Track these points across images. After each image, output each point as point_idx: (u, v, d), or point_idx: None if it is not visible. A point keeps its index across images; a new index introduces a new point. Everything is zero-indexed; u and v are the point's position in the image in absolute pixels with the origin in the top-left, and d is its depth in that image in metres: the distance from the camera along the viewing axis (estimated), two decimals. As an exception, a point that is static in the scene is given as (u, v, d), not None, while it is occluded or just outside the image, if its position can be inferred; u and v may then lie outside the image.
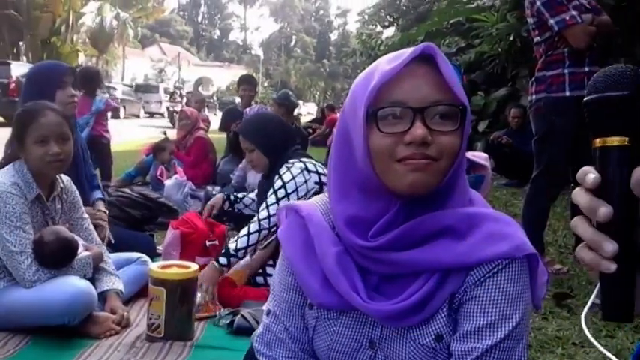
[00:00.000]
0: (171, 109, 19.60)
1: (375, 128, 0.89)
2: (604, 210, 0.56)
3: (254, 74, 20.23)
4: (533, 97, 3.10)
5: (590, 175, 0.57)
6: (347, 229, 0.95)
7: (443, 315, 0.93)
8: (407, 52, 0.90)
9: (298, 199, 2.54)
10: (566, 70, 2.97)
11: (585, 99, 0.60)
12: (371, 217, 0.94)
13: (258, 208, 2.62)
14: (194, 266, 2.24)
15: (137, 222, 3.73)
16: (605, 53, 3.84)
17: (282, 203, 2.50)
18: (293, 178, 2.57)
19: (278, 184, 2.56)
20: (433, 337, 0.93)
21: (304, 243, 1.01)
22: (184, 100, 21.09)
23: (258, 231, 2.50)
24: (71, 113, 2.81)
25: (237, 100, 10.10)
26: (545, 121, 3.02)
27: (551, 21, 2.95)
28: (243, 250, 2.49)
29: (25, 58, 23.84)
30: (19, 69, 14.21)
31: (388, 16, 19.70)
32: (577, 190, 0.59)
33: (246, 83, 6.13)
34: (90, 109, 5.18)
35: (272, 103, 6.30)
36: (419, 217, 0.92)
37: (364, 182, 0.94)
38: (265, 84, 49.99)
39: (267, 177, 2.74)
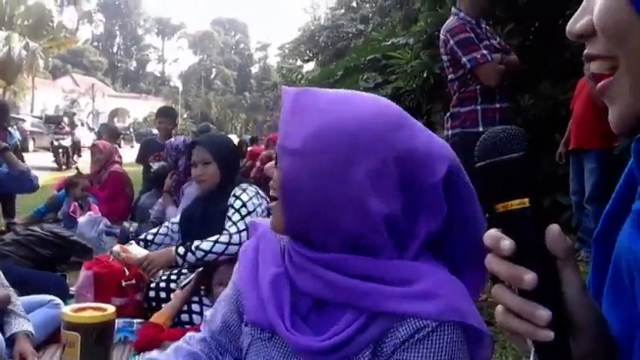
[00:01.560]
0: (56, 143, 14.76)
1: None
2: (529, 277, 0.54)
3: (173, 106, 19.63)
4: (449, 132, 3.23)
5: (504, 241, 0.56)
6: (294, 239, 0.96)
7: (364, 357, 0.90)
8: None
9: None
10: (478, 107, 3.12)
11: (479, 165, 0.59)
12: None
13: (185, 237, 2.58)
14: (111, 308, 2.11)
15: (48, 262, 3.53)
16: (513, 90, 4.08)
17: (247, 219, 2.54)
18: (250, 198, 2.61)
19: (238, 203, 2.58)
20: None
21: (253, 261, 1.02)
22: (76, 130, 17.19)
23: (227, 244, 2.49)
24: None
25: (155, 131, 9.88)
26: (461, 155, 3.14)
27: (464, 59, 3.10)
28: (202, 253, 2.46)
29: None
30: None
31: (308, 51, 20.10)
32: (491, 258, 0.57)
33: (164, 116, 5.99)
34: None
35: (192, 135, 6.21)
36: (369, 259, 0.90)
37: None
38: (185, 115, 49.31)
39: (210, 196, 2.70)
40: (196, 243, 2.49)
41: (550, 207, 4.94)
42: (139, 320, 2.55)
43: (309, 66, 20.39)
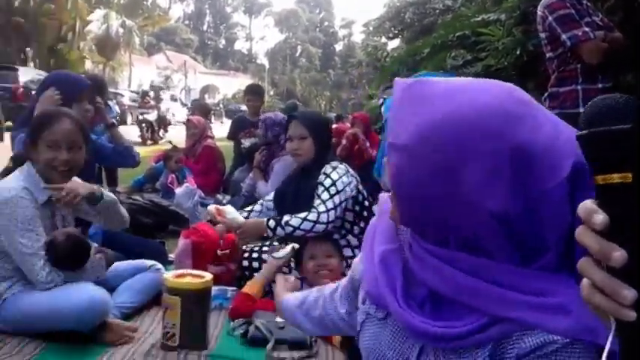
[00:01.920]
0: (141, 117, 13.91)
1: None
2: (618, 254, 0.52)
3: (260, 83, 19.86)
4: (547, 112, 3.11)
5: (597, 215, 0.53)
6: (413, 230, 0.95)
7: (482, 356, 0.85)
8: None
9: (346, 198, 2.63)
10: (579, 87, 2.98)
11: (582, 133, 0.55)
12: None
13: (281, 212, 2.66)
14: (208, 276, 2.25)
15: (148, 229, 3.74)
16: (615, 69, 3.87)
17: (336, 199, 2.59)
18: (340, 177, 2.65)
19: (328, 181, 2.63)
20: None
21: (372, 238, 1.04)
22: (161, 104, 16.58)
23: (315, 222, 2.55)
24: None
25: (244, 108, 10.10)
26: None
27: (564, 36, 2.96)
28: (291, 229, 2.54)
29: (32, 64, 23.98)
30: (27, 75, 14.31)
31: (393, 28, 19.76)
32: (582, 230, 0.55)
33: (252, 93, 6.07)
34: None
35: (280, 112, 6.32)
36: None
37: None
38: (271, 93, 50.21)
39: (302, 173, 2.78)
40: (286, 218, 2.56)
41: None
42: (232, 288, 2.68)
43: (394, 43, 20.06)
